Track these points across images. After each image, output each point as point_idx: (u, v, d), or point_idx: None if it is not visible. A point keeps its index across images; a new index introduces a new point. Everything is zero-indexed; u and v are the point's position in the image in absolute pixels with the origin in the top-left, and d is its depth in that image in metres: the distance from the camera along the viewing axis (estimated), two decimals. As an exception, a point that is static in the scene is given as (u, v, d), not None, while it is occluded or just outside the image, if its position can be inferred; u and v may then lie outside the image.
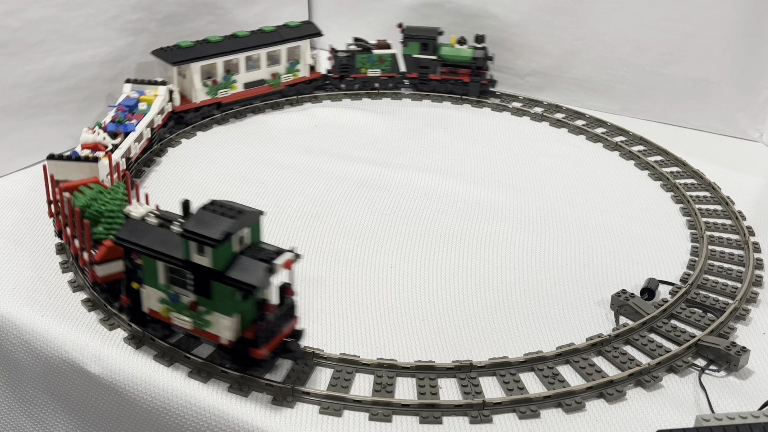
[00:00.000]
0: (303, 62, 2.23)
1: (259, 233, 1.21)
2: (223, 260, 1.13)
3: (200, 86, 2.05)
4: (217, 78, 2.08)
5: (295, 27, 2.23)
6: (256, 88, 2.17)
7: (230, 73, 2.11)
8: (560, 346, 1.31)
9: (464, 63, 2.24)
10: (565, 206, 1.75)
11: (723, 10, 2.05)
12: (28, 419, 1.41)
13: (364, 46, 2.30)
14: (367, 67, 2.29)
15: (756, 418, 1.01)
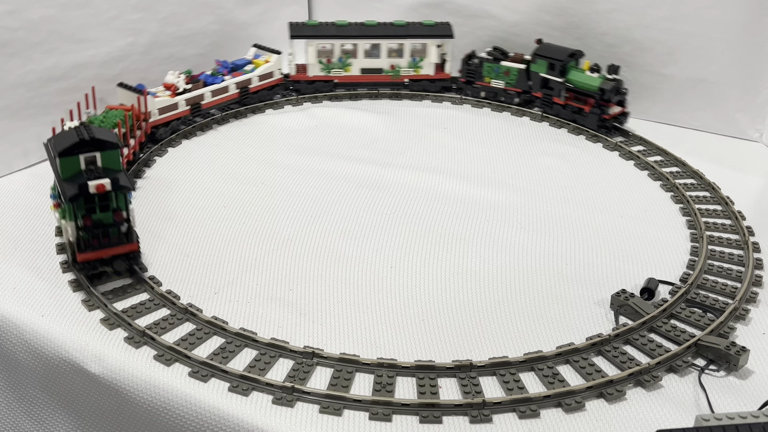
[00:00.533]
0: (428, 60, 2.26)
1: (116, 163, 1.38)
2: (68, 171, 1.35)
3: (315, 62, 2.24)
4: (333, 58, 2.24)
5: (428, 25, 2.26)
6: (373, 75, 2.28)
7: (347, 56, 2.24)
8: (560, 345, 1.31)
9: (589, 91, 2.06)
10: (565, 206, 1.75)
11: (723, 10, 2.05)
12: (28, 419, 1.41)
13: (495, 56, 2.23)
14: (492, 77, 2.23)
15: (756, 418, 1.01)
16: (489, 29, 2.34)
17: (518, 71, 2.19)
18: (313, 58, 2.24)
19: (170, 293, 1.41)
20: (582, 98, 2.09)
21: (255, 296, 1.43)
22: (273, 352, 1.28)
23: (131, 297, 1.41)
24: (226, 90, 2.10)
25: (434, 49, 2.25)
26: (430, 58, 2.26)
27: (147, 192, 1.77)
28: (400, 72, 2.27)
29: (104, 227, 1.38)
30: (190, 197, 1.75)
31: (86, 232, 1.37)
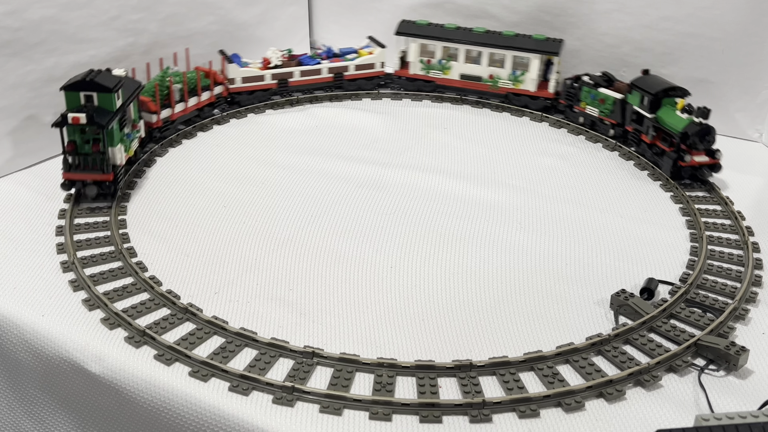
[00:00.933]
0: (530, 75, 2.19)
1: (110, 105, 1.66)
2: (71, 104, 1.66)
3: (416, 61, 2.27)
4: (432, 59, 2.25)
5: (537, 39, 2.19)
6: (471, 82, 2.25)
7: (448, 59, 2.23)
8: (560, 345, 1.31)
9: (672, 132, 1.84)
10: (565, 206, 1.76)
11: (722, 10, 2.05)
12: (28, 419, 1.42)
13: (596, 81, 2.09)
14: (587, 103, 2.10)
15: (755, 417, 1.01)
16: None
17: (614, 101, 2.02)
18: (415, 57, 2.26)
19: (170, 293, 1.42)
20: (668, 139, 1.86)
21: (255, 296, 1.43)
22: (273, 351, 1.28)
23: (131, 297, 1.41)
24: (318, 72, 2.24)
25: (537, 63, 2.17)
26: (531, 73, 2.18)
27: (147, 192, 1.77)
28: (498, 83, 2.22)
29: (85, 155, 1.65)
30: (190, 197, 1.75)
31: (71, 155, 1.64)
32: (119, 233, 1.59)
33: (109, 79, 1.68)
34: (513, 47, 2.19)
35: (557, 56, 2.18)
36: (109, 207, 1.67)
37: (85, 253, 1.53)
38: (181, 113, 2.03)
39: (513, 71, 2.20)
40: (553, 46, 2.19)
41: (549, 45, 2.19)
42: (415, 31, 2.26)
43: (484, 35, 2.22)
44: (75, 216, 1.64)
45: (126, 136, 1.76)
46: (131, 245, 1.56)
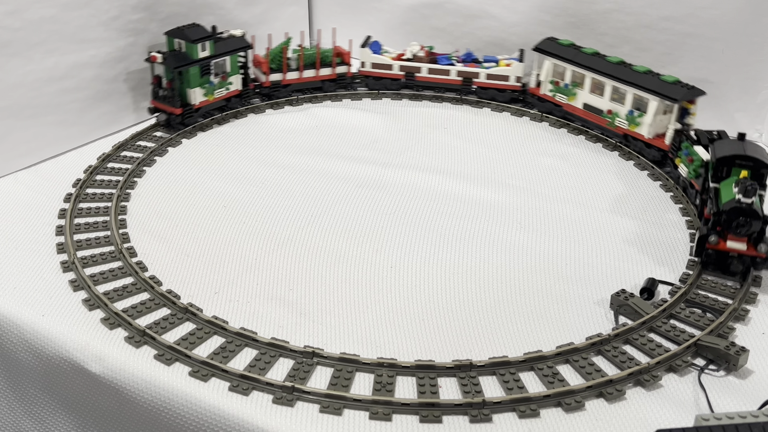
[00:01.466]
0: (648, 118, 1.91)
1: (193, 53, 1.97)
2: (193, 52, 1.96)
3: (545, 80, 2.18)
4: (561, 82, 2.15)
5: (663, 80, 1.92)
6: (593, 114, 2.07)
7: (574, 85, 2.11)
8: (560, 345, 1.31)
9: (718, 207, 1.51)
10: (565, 206, 1.76)
11: (723, 10, 2.05)
12: (28, 419, 1.42)
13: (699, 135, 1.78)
14: (681, 160, 1.81)
15: (755, 417, 1.01)
16: (489, 29, 2.34)
17: (701, 163, 1.70)
18: (546, 77, 2.17)
19: (170, 293, 1.42)
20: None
21: (255, 296, 1.43)
22: (273, 351, 1.28)
23: (131, 297, 1.41)
24: (446, 73, 2.25)
25: (654, 106, 1.89)
26: (647, 117, 1.92)
27: (147, 192, 1.77)
28: (615, 120, 2.01)
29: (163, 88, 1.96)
30: (190, 197, 1.75)
31: (156, 86, 1.98)
32: (119, 233, 1.59)
33: (198, 32, 1.99)
34: (634, 84, 1.95)
35: (677, 102, 1.87)
36: (108, 207, 1.67)
37: (85, 253, 1.53)
38: (295, 81, 2.24)
39: (631, 110, 1.97)
40: (677, 91, 1.88)
41: (672, 89, 1.89)
42: (552, 49, 2.15)
43: (613, 66, 2.02)
44: (75, 216, 1.64)
45: (209, 83, 2.03)
46: (131, 245, 1.56)
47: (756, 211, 1.44)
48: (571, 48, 2.14)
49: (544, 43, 2.18)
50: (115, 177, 1.80)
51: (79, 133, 1.97)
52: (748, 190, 1.45)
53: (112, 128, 2.05)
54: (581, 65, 2.08)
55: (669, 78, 1.93)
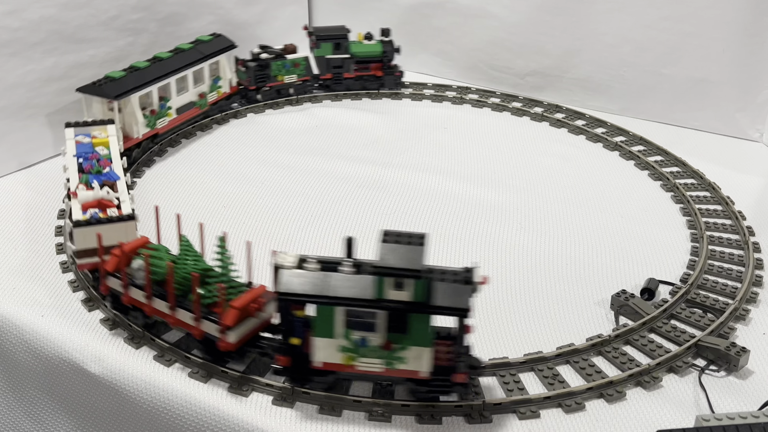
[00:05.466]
0: (226, 75, 2.12)
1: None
2: (423, 290, 1.09)
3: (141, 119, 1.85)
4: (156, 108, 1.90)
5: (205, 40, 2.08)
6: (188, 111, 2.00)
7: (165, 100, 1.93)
8: (560, 346, 1.31)
9: (374, 57, 2.26)
10: (565, 206, 1.75)
11: (723, 10, 2.05)
12: (28, 419, 1.41)
13: (275, 53, 2.21)
14: (283, 74, 2.22)
15: (756, 418, 1.01)
16: (489, 29, 2.34)
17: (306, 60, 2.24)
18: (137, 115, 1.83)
19: (170, 293, 1.41)
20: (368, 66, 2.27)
21: (255, 296, 1.43)
22: (273, 352, 1.28)
23: (131, 297, 1.41)
24: None
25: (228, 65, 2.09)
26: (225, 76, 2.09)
27: (147, 192, 1.77)
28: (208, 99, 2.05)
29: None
30: (190, 197, 1.75)
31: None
32: (119, 233, 1.58)
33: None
34: (205, 57, 2.03)
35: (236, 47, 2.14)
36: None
37: (84, 253, 1.52)
38: None
39: (214, 80, 2.08)
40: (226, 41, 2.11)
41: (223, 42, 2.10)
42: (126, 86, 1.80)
43: (177, 57, 1.97)
44: (75, 216, 1.64)
45: None
46: (131, 245, 1.55)
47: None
48: (133, 72, 1.86)
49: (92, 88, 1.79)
50: (114, 177, 1.80)
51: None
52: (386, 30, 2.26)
53: (111, 128, 2.04)
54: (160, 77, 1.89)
55: (205, 37, 2.11)
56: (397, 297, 1.08)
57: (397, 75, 2.28)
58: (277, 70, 2.21)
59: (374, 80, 2.28)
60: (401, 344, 1.11)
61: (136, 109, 1.83)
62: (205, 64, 2.04)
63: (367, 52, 2.25)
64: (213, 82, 2.09)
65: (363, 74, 2.28)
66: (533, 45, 2.29)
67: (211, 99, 2.09)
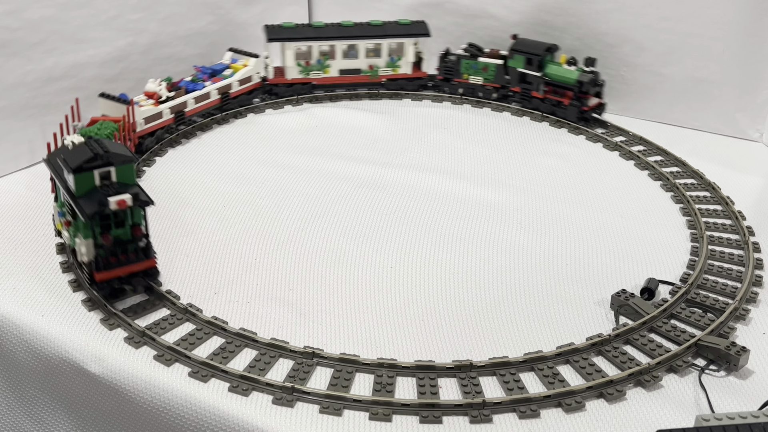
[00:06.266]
0: (409, 57, 2.28)
1: (131, 177, 1.36)
2: (83, 188, 1.31)
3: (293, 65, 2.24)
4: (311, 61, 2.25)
5: (405, 24, 2.28)
6: (350, 76, 2.29)
7: (325, 58, 2.25)
8: (560, 345, 1.31)
9: (566, 84, 2.11)
10: (565, 206, 1.75)
11: (723, 10, 2.05)
12: (28, 419, 1.41)
13: (472, 52, 2.26)
14: (470, 74, 2.25)
15: (756, 418, 1.01)
16: (489, 29, 2.34)
17: (496, 67, 2.22)
18: (291, 61, 2.23)
19: (170, 293, 1.41)
20: (560, 92, 2.13)
21: (255, 296, 1.43)
22: (273, 352, 1.28)
23: (131, 297, 1.41)
24: (208, 96, 2.07)
25: (411, 47, 2.26)
26: (408, 57, 2.28)
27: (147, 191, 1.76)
28: (378, 72, 2.29)
29: (123, 244, 1.35)
30: (190, 197, 1.75)
31: (104, 249, 1.34)
32: (119, 233, 1.58)
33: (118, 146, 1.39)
34: (387, 35, 2.25)
35: (429, 36, 2.27)
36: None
37: (84, 253, 1.52)
38: None
39: (391, 58, 2.28)
40: (421, 27, 2.27)
41: (417, 28, 2.27)
42: (287, 34, 2.23)
43: (356, 28, 2.26)
44: (75, 216, 1.64)
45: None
46: (131, 245, 1.56)
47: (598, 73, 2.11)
48: (302, 27, 2.25)
49: (274, 31, 2.23)
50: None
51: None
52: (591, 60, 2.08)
53: (111, 128, 2.04)
54: (328, 38, 2.23)
55: (404, 21, 2.29)
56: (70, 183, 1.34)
57: (585, 109, 2.11)
58: (465, 68, 2.25)
59: (561, 107, 2.14)
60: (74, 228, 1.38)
61: (287, 55, 2.21)
62: (385, 41, 2.25)
63: (559, 75, 2.12)
64: (391, 59, 2.26)
65: (552, 97, 2.14)
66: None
67: (384, 74, 2.28)
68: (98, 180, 1.32)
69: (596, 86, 2.10)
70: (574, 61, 2.12)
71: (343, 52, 2.26)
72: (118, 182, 1.34)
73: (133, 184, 1.35)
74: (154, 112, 1.93)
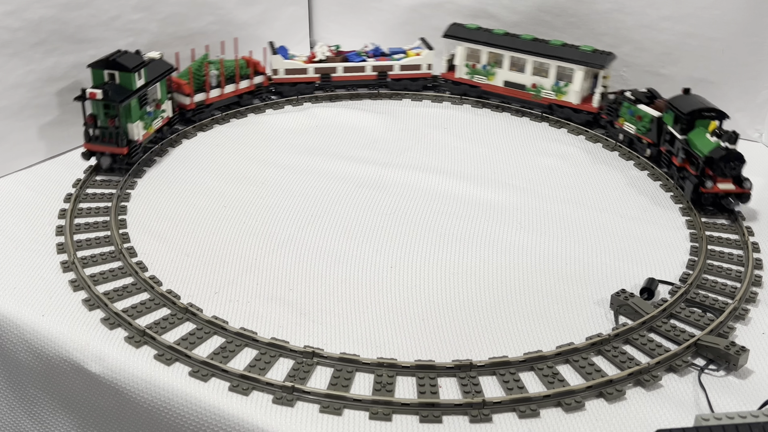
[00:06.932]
0: (574, 87, 2.11)
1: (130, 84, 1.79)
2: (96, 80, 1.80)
3: (462, 65, 2.25)
4: (477, 64, 2.23)
5: (583, 51, 2.12)
6: (514, 90, 2.21)
7: (493, 65, 2.21)
8: (560, 345, 1.31)
9: (698, 156, 1.72)
10: (565, 206, 1.76)
11: (723, 10, 2.05)
12: (28, 419, 1.42)
13: (638, 97, 2.00)
14: (626, 119, 2.00)
15: (755, 417, 1.01)
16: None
17: (651, 119, 1.93)
18: (461, 60, 2.24)
19: (170, 293, 1.42)
20: (696, 163, 1.73)
21: (255, 296, 1.43)
22: (273, 351, 1.28)
23: (131, 297, 1.41)
24: (361, 70, 2.26)
25: (581, 75, 2.09)
26: (575, 85, 2.11)
27: (147, 192, 1.77)
28: (541, 93, 2.17)
29: (103, 128, 1.77)
30: (190, 197, 1.75)
31: (90, 127, 1.77)
32: (119, 233, 1.59)
33: (132, 59, 1.81)
34: (558, 57, 2.12)
35: (603, 69, 2.09)
36: (108, 207, 1.67)
37: (85, 253, 1.53)
38: (217, 98, 2.12)
39: (556, 82, 2.14)
40: (599, 59, 2.10)
41: (595, 57, 2.10)
42: (462, 34, 2.24)
43: (531, 43, 2.17)
44: (75, 216, 1.64)
45: (147, 114, 1.87)
46: (131, 245, 1.56)
47: (740, 154, 1.68)
48: (482, 31, 2.23)
49: (452, 29, 2.25)
50: (115, 177, 1.80)
51: (79, 133, 1.97)
52: (733, 137, 1.69)
53: (112, 128, 2.05)
54: (498, 46, 2.18)
55: (586, 48, 2.12)
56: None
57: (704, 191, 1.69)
58: (623, 112, 2.01)
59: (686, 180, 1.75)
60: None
61: (458, 54, 2.24)
62: (553, 62, 2.12)
63: (695, 143, 1.74)
64: (556, 83, 2.13)
65: (687, 168, 1.76)
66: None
67: (547, 97, 2.16)
68: (107, 77, 1.79)
69: (733, 167, 1.69)
70: (719, 132, 1.73)
71: (511, 64, 2.19)
72: (119, 84, 1.78)
73: (127, 89, 1.78)
74: (297, 67, 2.22)
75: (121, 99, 1.75)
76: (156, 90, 1.92)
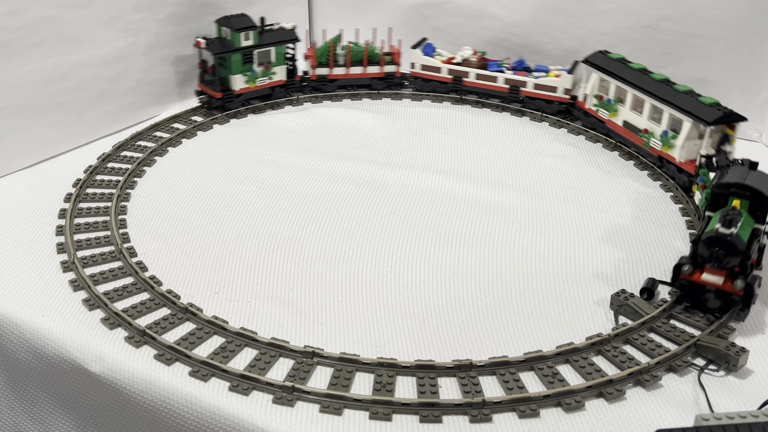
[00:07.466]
0: (680, 140, 1.78)
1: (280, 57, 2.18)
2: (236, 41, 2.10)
3: (591, 93, 2.10)
4: (605, 97, 2.05)
5: (700, 102, 1.77)
6: (631, 133, 1.96)
7: (617, 101, 2.00)
8: (560, 345, 1.31)
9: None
10: (565, 206, 1.76)
11: (723, 10, 2.05)
12: (28, 418, 1.42)
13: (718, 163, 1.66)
14: (698, 187, 1.72)
15: (755, 417, 1.01)
16: (489, 29, 2.34)
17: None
18: (591, 90, 2.09)
19: (170, 293, 1.42)
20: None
21: (255, 296, 1.43)
22: (273, 351, 1.28)
23: (131, 297, 1.41)
24: (493, 80, 2.24)
25: (687, 128, 1.76)
26: (679, 139, 1.78)
27: (147, 192, 1.77)
28: (650, 141, 1.89)
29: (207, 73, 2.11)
30: (190, 197, 1.75)
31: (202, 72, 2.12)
32: (119, 233, 1.59)
33: (242, 21, 2.09)
34: (670, 102, 1.81)
35: (708, 126, 1.71)
36: (108, 207, 1.67)
37: (85, 253, 1.53)
38: (341, 77, 2.30)
39: (665, 131, 1.84)
40: (711, 113, 1.73)
41: (706, 111, 1.74)
42: (599, 62, 2.06)
43: (655, 83, 1.89)
44: (75, 216, 1.64)
45: (251, 71, 2.14)
46: (131, 245, 1.56)
47: (733, 244, 1.29)
48: (619, 62, 2.02)
49: (594, 56, 2.09)
50: (115, 177, 1.80)
51: (79, 133, 1.98)
52: (728, 219, 1.31)
53: (112, 128, 2.05)
54: (625, 80, 1.95)
55: (707, 99, 1.77)
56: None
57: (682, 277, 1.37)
58: (704, 173, 1.69)
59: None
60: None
61: (590, 83, 2.10)
62: (667, 109, 1.82)
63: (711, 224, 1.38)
64: (664, 133, 1.83)
65: None
66: (533, 45, 2.29)
67: (654, 147, 1.87)
68: (222, 33, 2.11)
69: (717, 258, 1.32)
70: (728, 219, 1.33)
71: (634, 102, 1.95)
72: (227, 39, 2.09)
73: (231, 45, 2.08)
74: (432, 65, 2.28)
75: (218, 52, 2.05)
76: (269, 53, 2.16)
